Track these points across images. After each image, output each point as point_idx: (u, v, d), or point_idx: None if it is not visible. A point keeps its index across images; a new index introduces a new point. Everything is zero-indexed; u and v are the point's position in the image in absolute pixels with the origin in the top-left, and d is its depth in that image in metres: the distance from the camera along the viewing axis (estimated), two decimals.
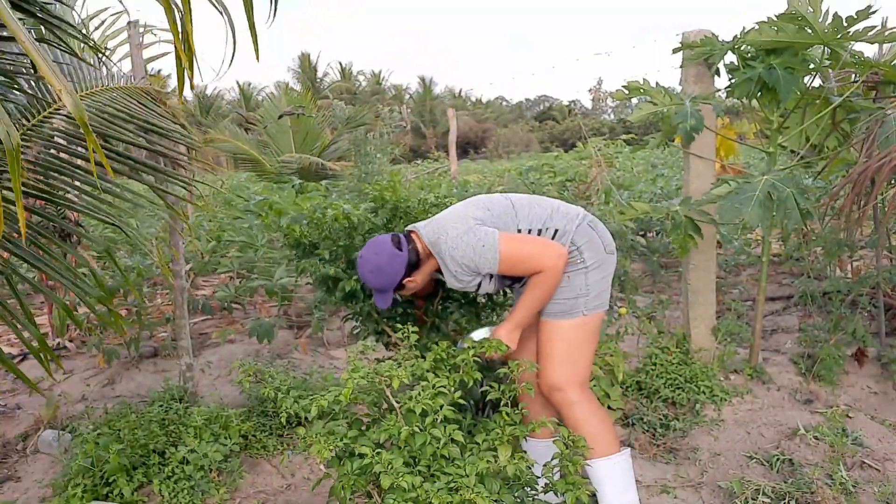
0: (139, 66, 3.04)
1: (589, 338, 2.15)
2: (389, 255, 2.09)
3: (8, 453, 2.98)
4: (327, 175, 7.85)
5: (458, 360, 1.89)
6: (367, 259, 2.12)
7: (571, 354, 2.12)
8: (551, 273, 2.01)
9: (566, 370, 2.11)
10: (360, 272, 2.16)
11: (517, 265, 2.04)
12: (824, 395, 3.07)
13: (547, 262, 2.00)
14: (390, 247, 2.11)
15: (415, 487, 1.61)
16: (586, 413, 2.10)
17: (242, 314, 5.08)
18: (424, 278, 2.20)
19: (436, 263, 2.16)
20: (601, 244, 2.14)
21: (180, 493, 2.41)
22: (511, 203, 2.17)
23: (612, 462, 2.07)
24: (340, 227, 2.61)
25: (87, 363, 4.08)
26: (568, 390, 2.10)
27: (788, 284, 4.89)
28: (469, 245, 2.01)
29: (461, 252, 2.02)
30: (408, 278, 2.13)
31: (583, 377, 2.14)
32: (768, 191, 2.65)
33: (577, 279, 2.09)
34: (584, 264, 2.10)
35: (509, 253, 2.02)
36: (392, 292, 2.17)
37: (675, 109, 2.87)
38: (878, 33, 2.62)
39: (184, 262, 3.22)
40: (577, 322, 2.11)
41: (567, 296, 2.09)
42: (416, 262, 2.13)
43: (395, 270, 2.09)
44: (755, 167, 6.74)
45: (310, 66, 37.48)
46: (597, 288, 2.12)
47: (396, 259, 2.09)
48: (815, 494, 2.30)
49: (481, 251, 2.01)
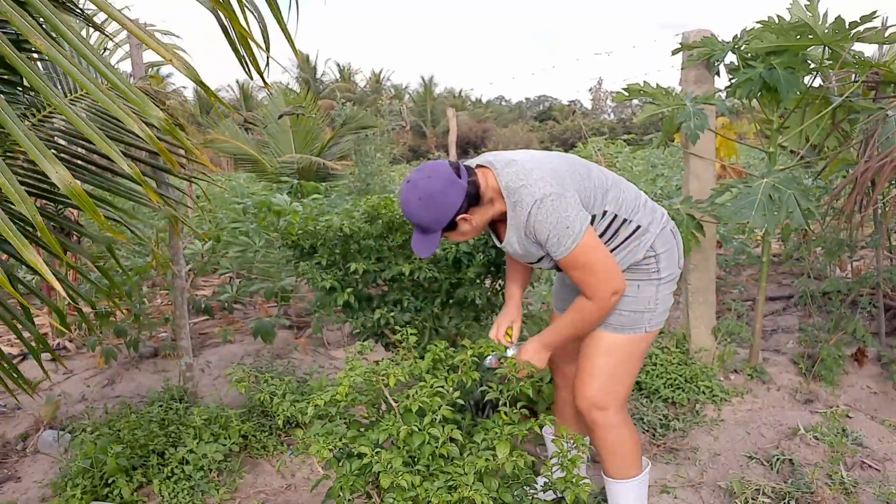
0: (139, 66, 3.04)
1: (641, 355, 1.98)
2: (446, 182, 1.70)
3: (8, 453, 2.98)
4: (328, 175, 7.85)
5: (456, 360, 1.89)
6: (417, 184, 1.72)
7: (620, 371, 1.94)
8: (598, 307, 1.79)
9: (613, 388, 1.93)
10: (404, 202, 1.74)
11: (577, 269, 1.76)
12: (824, 395, 3.07)
13: (602, 292, 1.76)
14: (449, 171, 1.73)
15: (414, 487, 1.61)
16: (624, 437, 1.97)
17: (242, 314, 5.08)
18: (481, 223, 1.82)
19: (500, 211, 1.82)
20: (677, 256, 1.94)
21: (180, 494, 2.41)
22: (605, 178, 1.87)
23: (633, 483, 2.03)
24: (335, 236, 2.61)
25: (87, 363, 4.08)
26: (610, 410, 1.93)
27: (788, 284, 4.88)
28: (555, 215, 1.69)
29: (542, 216, 1.70)
30: (463, 215, 1.75)
31: (625, 397, 1.98)
32: (769, 193, 2.65)
33: (647, 290, 1.88)
34: (659, 275, 1.89)
35: (583, 253, 1.73)
36: (439, 234, 1.78)
37: (677, 110, 2.87)
38: (878, 33, 2.62)
39: (184, 262, 3.22)
40: (637, 338, 1.92)
41: (634, 308, 1.88)
42: (477, 199, 1.76)
43: (450, 201, 1.70)
44: (755, 167, 6.74)
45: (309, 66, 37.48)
46: (664, 304, 1.93)
47: (454, 187, 1.70)
48: (815, 494, 2.30)
49: (564, 231, 1.70)
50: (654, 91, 2.95)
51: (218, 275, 5.61)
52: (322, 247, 2.61)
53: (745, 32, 2.83)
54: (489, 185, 1.79)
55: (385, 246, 2.67)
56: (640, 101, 3.09)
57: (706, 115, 2.83)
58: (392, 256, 2.66)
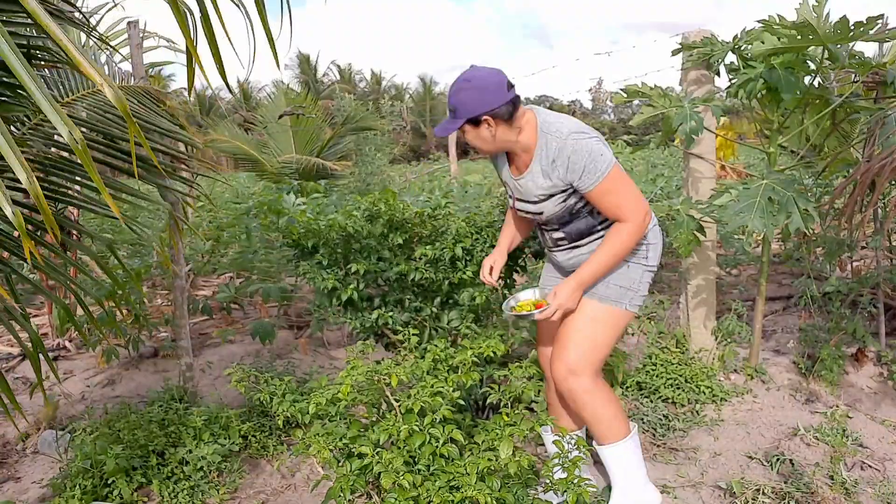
0: (139, 66, 3.04)
1: (618, 331, 2.15)
2: (496, 82, 1.92)
3: (8, 453, 2.98)
4: (328, 175, 7.84)
5: (457, 360, 1.89)
6: (474, 70, 1.96)
7: (600, 340, 2.10)
8: (634, 228, 1.96)
9: (590, 355, 2.08)
10: (454, 82, 1.97)
11: (611, 193, 1.94)
12: (824, 395, 3.07)
13: (637, 211, 1.95)
14: (503, 79, 1.94)
15: (415, 486, 1.61)
16: (603, 399, 2.09)
17: (242, 314, 5.08)
18: (500, 141, 2.00)
19: (521, 143, 2.01)
20: (660, 253, 2.17)
21: (180, 494, 2.41)
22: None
23: (625, 444, 2.13)
24: (337, 236, 2.61)
25: (87, 363, 4.08)
26: (584, 376, 2.06)
27: (788, 284, 4.88)
28: (589, 146, 1.92)
29: (579, 146, 1.92)
30: (490, 118, 1.92)
31: (598, 365, 2.13)
32: (769, 195, 2.64)
33: (635, 271, 2.10)
34: (647, 262, 2.12)
35: (615, 178, 1.93)
36: (462, 122, 1.95)
37: (675, 111, 2.86)
38: (878, 32, 2.62)
39: (184, 262, 3.22)
40: (618, 312, 2.10)
41: (622, 283, 2.09)
42: (510, 116, 1.95)
43: (487, 97, 1.90)
44: (755, 167, 6.74)
45: (309, 66, 37.48)
46: (643, 289, 2.14)
47: (498, 90, 1.91)
48: (815, 494, 2.30)
49: (598, 158, 1.91)
50: (651, 92, 2.94)
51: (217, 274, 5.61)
52: (324, 246, 2.61)
53: (746, 33, 2.83)
54: (526, 119, 2.00)
55: (386, 246, 2.67)
56: (640, 102, 3.09)
57: (702, 118, 2.83)
58: (392, 257, 2.66)
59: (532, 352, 2.97)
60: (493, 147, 2.03)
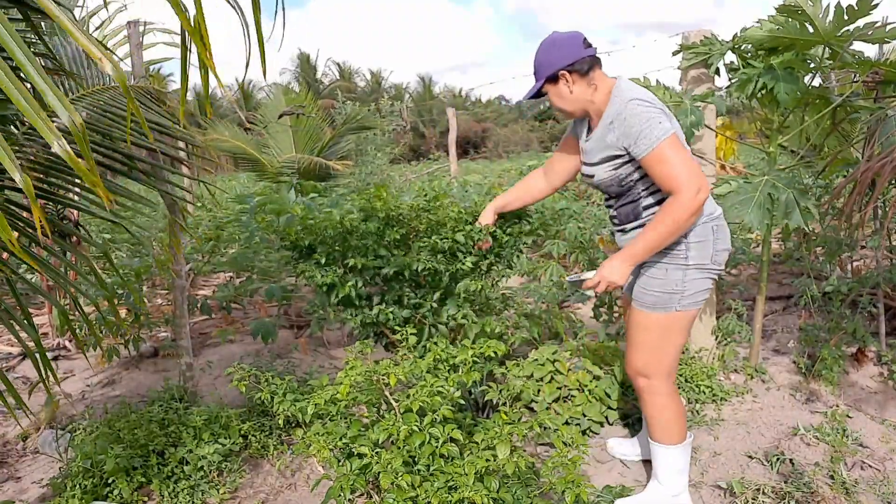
0: (139, 66, 3.04)
1: (679, 332, 2.14)
2: (573, 41, 2.05)
3: (8, 453, 2.98)
4: (328, 175, 7.83)
5: (457, 360, 1.89)
6: (555, 33, 2.11)
7: (659, 345, 2.13)
8: (686, 201, 1.89)
9: (653, 360, 2.15)
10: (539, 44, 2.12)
11: (664, 162, 1.92)
12: (824, 394, 3.07)
13: (689, 185, 1.89)
14: (582, 39, 2.06)
15: (414, 487, 1.61)
16: (666, 405, 2.18)
17: (242, 314, 5.08)
18: (577, 95, 2.09)
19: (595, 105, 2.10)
20: (711, 251, 2.07)
21: (180, 494, 2.41)
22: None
23: (672, 450, 2.21)
24: (335, 233, 2.60)
25: (88, 363, 4.08)
26: (653, 379, 2.16)
27: (788, 284, 4.88)
28: (647, 113, 1.95)
29: (638, 111, 1.95)
30: (566, 73, 2.04)
31: (669, 368, 2.17)
32: (768, 192, 2.64)
33: (674, 274, 2.05)
34: (686, 262, 2.05)
35: (669, 146, 1.92)
36: (542, 83, 2.09)
37: (675, 107, 2.86)
38: (878, 30, 2.61)
39: (184, 261, 3.22)
40: (667, 317, 2.09)
41: (662, 289, 2.06)
42: (585, 72, 2.06)
43: (565, 53, 2.03)
44: (755, 167, 6.73)
45: (309, 65, 37.46)
46: (694, 287, 2.07)
47: (575, 46, 2.04)
48: (815, 494, 2.30)
49: (655, 125, 1.92)
50: (651, 88, 2.94)
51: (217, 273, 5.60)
52: (321, 244, 2.61)
53: (744, 32, 2.83)
54: (602, 79, 2.08)
55: (383, 244, 2.67)
56: None
57: (702, 113, 2.83)
58: (389, 255, 2.66)
59: (532, 352, 2.98)
60: (572, 106, 2.12)
